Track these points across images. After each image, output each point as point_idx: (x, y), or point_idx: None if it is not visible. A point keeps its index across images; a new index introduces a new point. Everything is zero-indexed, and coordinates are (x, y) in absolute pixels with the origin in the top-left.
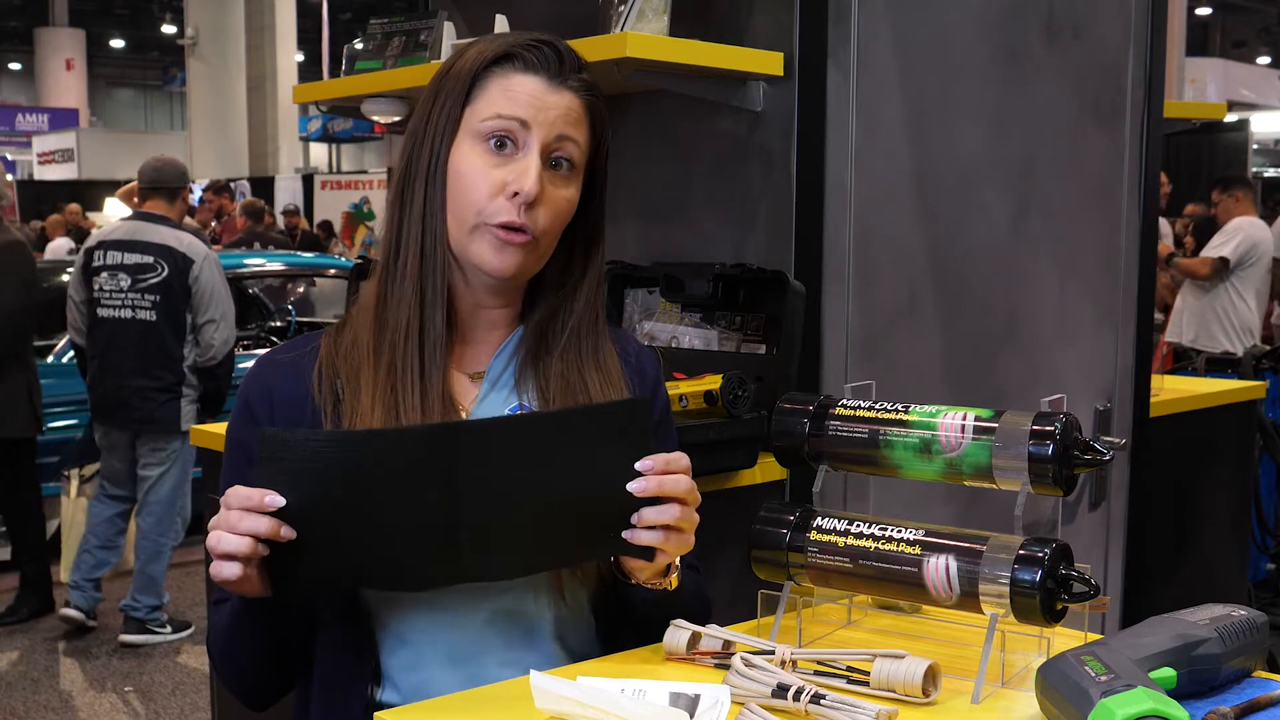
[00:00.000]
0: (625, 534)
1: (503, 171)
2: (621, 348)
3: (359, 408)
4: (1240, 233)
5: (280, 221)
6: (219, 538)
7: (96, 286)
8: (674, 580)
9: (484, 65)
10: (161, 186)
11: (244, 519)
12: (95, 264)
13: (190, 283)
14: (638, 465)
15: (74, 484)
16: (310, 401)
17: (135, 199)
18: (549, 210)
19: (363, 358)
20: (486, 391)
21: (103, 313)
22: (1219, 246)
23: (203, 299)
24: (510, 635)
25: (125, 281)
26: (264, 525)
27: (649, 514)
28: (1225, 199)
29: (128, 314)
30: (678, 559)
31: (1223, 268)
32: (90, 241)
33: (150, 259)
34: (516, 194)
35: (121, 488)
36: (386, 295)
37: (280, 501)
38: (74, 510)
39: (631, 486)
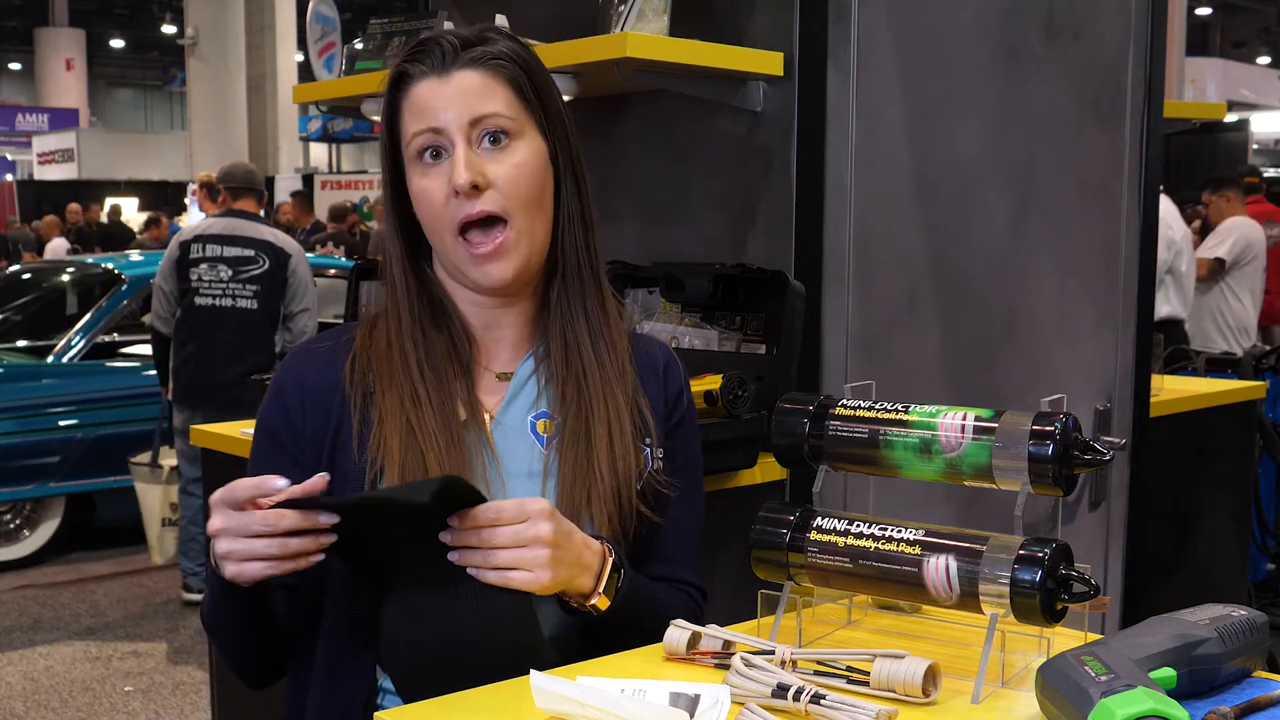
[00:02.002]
0: (471, 571)
1: (445, 175)
2: (648, 356)
3: (385, 414)
4: (1234, 232)
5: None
6: (249, 545)
7: (195, 277)
8: (601, 602)
9: (390, 95)
10: (255, 188)
11: (296, 530)
12: (193, 256)
13: (288, 275)
14: (441, 536)
15: (165, 472)
16: (340, 391)
17: (220, 198)
18: (503, 185)
19: (385, 360)
20: (512, 395)
21: (201, 301)
22: (1214, 247)
23: (298, 290)
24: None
25: (226, 272)
26: (311, 544)
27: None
28: (1216, 199)
29: (228, 303)
30: (601, 587)
31: (1219, 269)
32: (184, 236)
33: (251, 252)
34: (458, 192)
35: (198, 467)
36: (389, 310)
37: (334, 518)
38: (152, 498)
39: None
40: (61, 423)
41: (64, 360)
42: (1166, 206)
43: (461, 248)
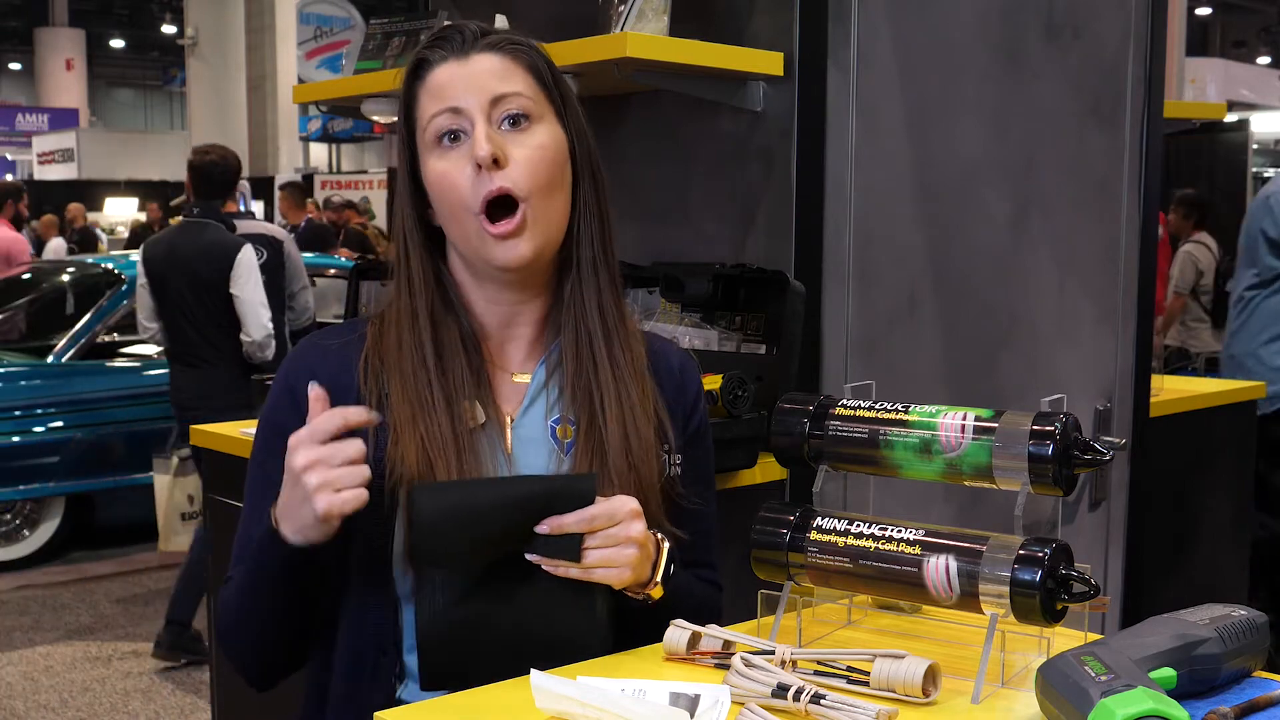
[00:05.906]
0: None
1: (465, 157)
2: (664, 359)
3: (399, 419)
4: None
5: (322, 217)
6: (343, 472)
7: None
8: (656, 592)
9: (408, 84)
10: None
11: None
12: None
13: (284, 259)
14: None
15: (174, 463)
16: (355, 392)
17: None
18: (523, 164)
19: (397, 358)
20: (531, 399)
21: None
22: None
23: (294, 270)
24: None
25: None
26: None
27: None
28: None
29: None
30: (659, 577)
31: None
32: None
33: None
34: (480, 167)
35: None
36: (401, 307)
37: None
38: (162, 487)
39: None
40: (61, 423)
41: (64, 360)
42: None
43: (482, 225)
